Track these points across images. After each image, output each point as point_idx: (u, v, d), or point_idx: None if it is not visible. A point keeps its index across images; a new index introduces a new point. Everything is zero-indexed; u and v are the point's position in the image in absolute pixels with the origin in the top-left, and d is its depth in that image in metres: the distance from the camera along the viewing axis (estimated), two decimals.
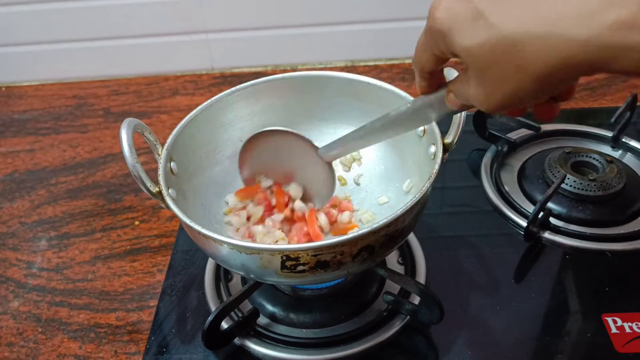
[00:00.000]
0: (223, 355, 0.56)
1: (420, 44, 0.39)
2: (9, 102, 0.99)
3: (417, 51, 0.40)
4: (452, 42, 0.34)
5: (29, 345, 0.59)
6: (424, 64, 0.40)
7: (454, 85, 0.39)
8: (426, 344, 0.56)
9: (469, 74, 0.36)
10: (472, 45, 0.33)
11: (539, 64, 0.31)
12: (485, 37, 0.32)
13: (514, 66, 0.32)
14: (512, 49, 0.31)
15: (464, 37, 0.33)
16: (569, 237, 0.64)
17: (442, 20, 0.34)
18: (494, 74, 0.33)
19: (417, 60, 0.40)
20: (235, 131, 0.65)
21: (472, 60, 0.34)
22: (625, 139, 0.76)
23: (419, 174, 0.58)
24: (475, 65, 0.34)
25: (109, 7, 0.95)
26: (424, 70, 0.41)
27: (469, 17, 0.33)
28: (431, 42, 0.37)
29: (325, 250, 0.44)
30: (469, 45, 0.33)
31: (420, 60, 0.40)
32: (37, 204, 0.77)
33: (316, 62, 1.03)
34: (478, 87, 0.35)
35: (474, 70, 0.35)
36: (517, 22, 0.31)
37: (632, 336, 0.54)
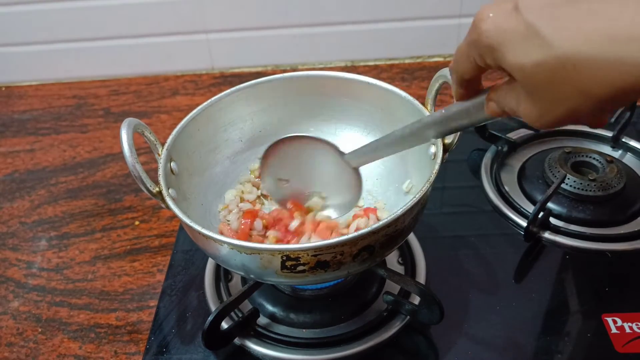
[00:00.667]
0: (223, 355, 0.56)
1: (462, 53, 0.37)
2: (9, 102, 0.99)
3: (457, 59, 0.38)
4: (502, 58, 0.32)
5: (29, 345, 0.59)
6: (464, 72, 0.38)
7: (496, 95, 0.37)
8: (426, 344, 0.56)
9: (518, 89, 0.33)
10: (526, 64, 0.31)
11: (604, 87, 0.29)
12: (541, 57, 0.30)
13: (573, 89, 0.30)
14: (572, 70, 0.29)
15: (517, 54, 0.31)
16: (569, 237, 0.64)
17: (490, 33, 0.33)
18: (550, 94, 0.31)
19: (456, 68, 0.38)
20: (235, 131, 0.65)
21: (526, 78, 0.32)
22: (625, 139, 0.76)
23: (419, 174, 0.58)
24: (528, 84, 0.32)
25: (109, 7, 0.95)
26: (463, 78, 0.39)
27: (521, 33, 0.31)
28: (475, 54, 0.35)
29: (325, 250, 0.44)
30: (522, 63, 0.31)
31: (460, 69, 0.38)
32: (37, 204, 0.77)
33: (316, 62, 1.03)
34: (530, 105, 0.33)
35: (527, 88, 0.32)
36: (577, 41, 0.29)
37: (632, 336, 0.54)
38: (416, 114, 0.57)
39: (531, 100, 0.33)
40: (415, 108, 0.56)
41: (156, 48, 1.00)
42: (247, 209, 0.60)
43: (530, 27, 0.30)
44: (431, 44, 1.00)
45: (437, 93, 0.56)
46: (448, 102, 0.89)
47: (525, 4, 0.31)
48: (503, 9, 0.32)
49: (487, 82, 0.38)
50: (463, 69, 0.37)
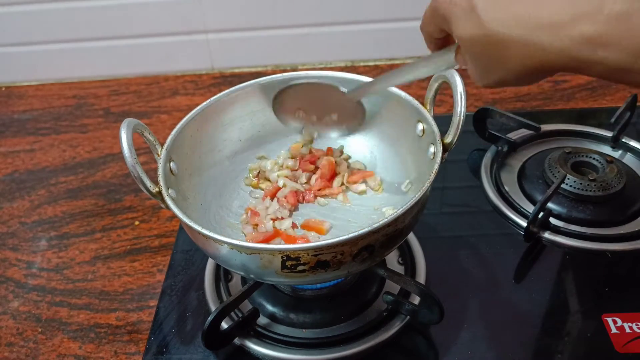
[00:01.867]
0: (223, 355, 0.56)
1: (427, 17, 0.42)
2: (9, 102, 0.99)
3: (424, 22, 0.43)
4: (450, 27, 0.38)
5: (29, 345, 0.59)
6: (431, 33, 0.43)
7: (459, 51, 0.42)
8: (426, 344, 0.56)
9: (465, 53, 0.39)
10: (465, 37, 0.37)
11: (519, 64, 0.35)
12: (475, 32, 0.36)
13: (498, 61, 0.36)
14: (495, 46, 0.35)
15: (459, 27, 0.37)
16: (569, 237, 0.64)
17: (444, 5, 0.38)
18: (482, 63, 0.37)
19: (424, 28, 0.44)
20: (234, 131, 0.65)
21: (465, 48, 0.38)
22: (625, 139, 0.76)
23: (418, 174, 0.58)
24: (468, 52, 0.38)
25: (109, 7, 0.95)
26: (431, 36, 0.44)
27: (464, 9, 0.36)
28: (436, 19, 0.40)
29: (325, 250, 0.44)
30: (462, 35, 0.37)
31: (428, 30, 0.44)
32: (37, 204, 0.77)
33: (316, 62, 1.03)
34: (472, 68, 0.39)
35: (470, 56, 0.38)
36: (502, 24, 0.34)
37: (632, 336, 0.54)
38: (416, 113, 0.57)
39: (473, 65, 0.39)
40: (415, 108, 0.56)
41: (156, 48, 1.00)
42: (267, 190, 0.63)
43: (471, 4, 0.36)
44: None
45: (437, 93, 0.56)
46: (448, 102, 0.89)
47: None
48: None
49: None
50: (431, 31, 0.43)
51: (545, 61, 0.33)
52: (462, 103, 0.51)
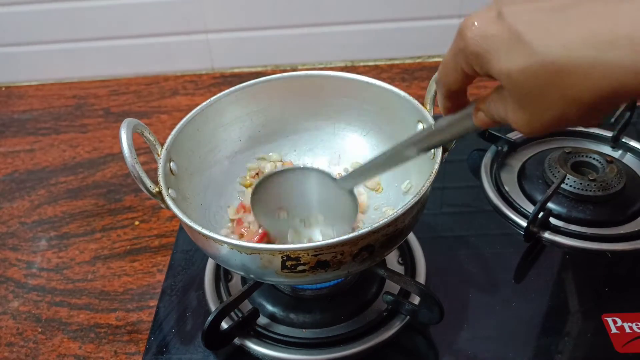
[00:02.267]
0: (223, 356, 0.56)
1: (449, 63, 0.37)
2: (9, 102, 0.99)
3: (443, 71, 0.38)
4: (488, 65, 0.32)
5: (29, 345, 0.59)
6: (452, 84, 0.38)
7: (484, 104, 0.37)
8: (426, 344, 0.56)
9: (505, 95, 0.33)
10: (512, 71, 0.31)
11: (588, 92, 0.29)
12: (527, 63, 0.30)
13: (559, 94, 0.30)
14: (556, 75, 0.29)
15: (502, 61, 0.31)
16: (569, 237, 0.64)
17: (475, 41, 0.33)
18: (536, 100, 0.31)
19: (443, 79, 0.38)
20: (234, 131, 0.65)
21: (512, 85, 0.32)
22: (625, 139, 0.76)
23: (418, 174, 0.58)
24: (515, 90, 0.32)
25: (109, 7, 0.95)
26: (450, 90, 0.39)
27: (506, 40, 0.31)
28: (462, 63, 0.35)
29: (325, 250, 0.44)
30: (508, 70, 0.31)
31: (448, 80, 0.38)
32: (37, 204, 0.77)
33: (316, 62, 1.03)
34: (518, 112, 0.33)
35: (514, 95, 0.32)
36: (560, 46, 0.29)
37: (632, 336, 0.54)
38: (416, 113, 0.57)
39: (519, 106, 0.32)
40: (415, 108, 0.56)
41: (156, 48, 1.00)
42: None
43: (514, 33, 0.30)
44: (431, 44, 1.00)
45: (437, 93, 0.56)
46: None
47: (508, 10, 0.31)
48: (487, 17, 0.32)
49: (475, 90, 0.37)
50: (451, 80, 0.37)
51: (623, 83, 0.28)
52: None
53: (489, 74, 0.33)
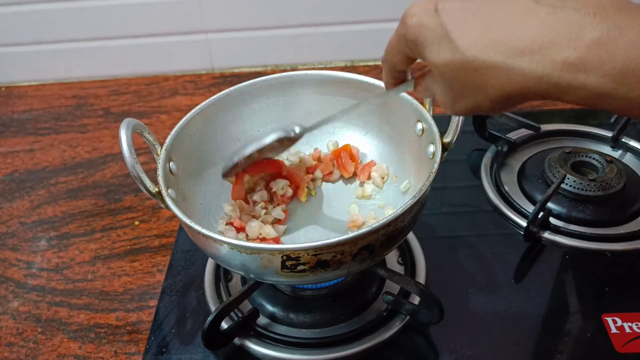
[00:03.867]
0: (223, 355, 0.56)
1: (393, 46, 0.42)
2: (9, 102, 0.99)
3: (388, 52, 0.43)
4: (422, 53, 0.37)
5: (29, 345, 0.59)
6: (396, 64, 0.43)
7: (423, 81, 0.42)
8: (426, 344, 0.56)
9: (436, 79, 0.38)
10: (439, 62, 0.36)
11: (497, 89, 0.34)
12: (450, 57, 0.35)
13: (474, 87, 0.35)
14: (473, 72, 0.34)
15: (432, 52, 0.36)
16: (569, 237, 0.64)
17: (413, 30, 0.37)
18: (457, 88, 0.36)
19: (388, 59, 0.44)
20: (233, 131, 0.64)
21: (439, 73, 0.37)
22: (625, 139, 0.76)
23: (417, 174, 0.58)
24: (442, 79, 0.37)
25: (109, 7, 0.95)
26: (394, 69, 0.44)
27: (437, 34, 0.35)
28: (403, 46, 0.39)
29: (325, 249, 0.44)
30: (435, 60, 0.36)
31: (392, 60, 0.43)
32: (37, 204, 0.77)
33: (316, 62, 1.03)
34: (444, 95, 0.38)
35: (441, 82, 0.37)
36: (478, 48, 0.33)
37: (632, 336, 0.54)
38: (415, 113, 0.57)
39: (444, 91, 0.38)
40: (414, 107, 0.56)
41: (156, 48, 1.00)
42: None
43: (444, 29, 0.35)
44: None
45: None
46: None
47: (443, 6, 0.35)
48: (426, 9, 0.36)
49: None
50: (394, 60, 0.42)
51: (525, 87, 0.33)
52: None
53: (423, 59, 0.38)
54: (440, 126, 0.53)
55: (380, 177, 0.63)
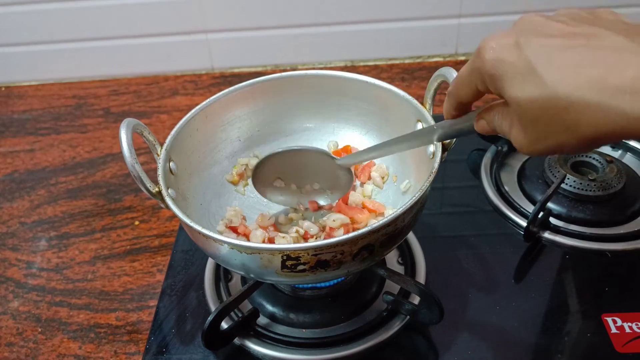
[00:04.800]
0: (223, 355, 0.56)
1: (464, 78, 0.39)
2: (9, 102, 0.99)
3: (457, 84, 0.40)
4: (501, 88, 0.35)
5: (29, 345, 0.59)
6: (463, 97, 0.40)
7: (489, 115, 0.39)
8: (426, 344, 0.56)
9: (512, 115, 0.36)
10: (521, 99, 0.33)
11: (590, 129, 0.31)
12: (537, 94, 0.32)
13: (563, 127, 0.32)
14: (563, 110, 0.32)
15: (514, 87, 0.33)
16: (569, 237, 0.64)
17: (492, 64, 0.34)
18: (540, 127, 0.33)
19: (455, 92, 0.41)
20: (233, 131, 0.65)
21: (521, 110, 0.34)
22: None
23: (417, 174, 0.58)
24: (523, 116, 0.34)
25: (109, 7, 0.95)
26: (461, 102, 0.41)
27: (520, 69, 0.33)
28: (477, 81, 0.37)
29: (325, 249, 0.44)
30: (518, 97, 0.33)
31: (460, 94, 0.40)
32: (37, 204, 0.77)
33: (316, 62, 1.03)
34: (521, 133, 0.35)
35: (521, 120, 0.35)
36: (571, 85, 0.31)
37: (632, 336, 0.54)
38: (415, 113, 0.57)
39: (523, 129, 0.35)
40: (414, 107, 0.56)
41: (156, 48, 1.00)
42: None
43: (529, 65, 0.32)
44: (431, 44, 1.00)
45: (436, 92, 0.56)
46: None
47: (525, 42, 0.33)
48: (505, 43, 0.34)
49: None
50: (462, 93, 0.40)
51: (624, 127, 0.30)
52: None
53: (500, 95, 0.35)
54: None
55: (380, 177, 0.63)
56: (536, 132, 0.34)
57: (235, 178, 0.64)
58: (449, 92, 0.42)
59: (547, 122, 0.33)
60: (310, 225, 0.58)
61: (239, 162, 0.65)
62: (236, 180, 0.64)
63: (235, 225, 0.59)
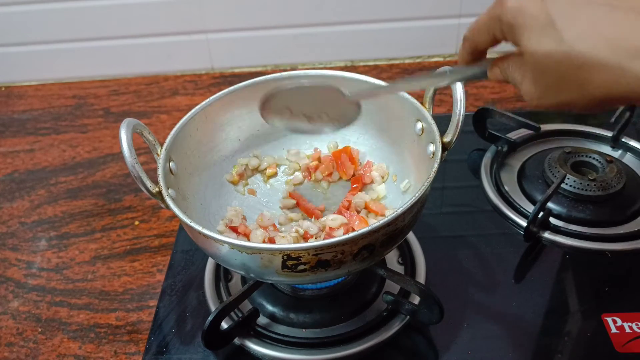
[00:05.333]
0: (223, 355, 0.56)
1: (481, 24, 0.38)
2: (9, 102, 0.99)
3: (475, 29, 0.39)
4: (518, 38, 0.34)
5: (29, 345, 0.59)
6: (479, 44, 0.40)
7: (503, 64, 0.39)
8: (426, 344, 0.56)
9: (526, 68, 0.35)
10: (538, 51, 0.33)
11: (602, 89, 0.31)
12: (553, 49, 0.32)
13: (575, 83, 0.32)
14: (578, 68, 0.31)
15: (531, 39, 0.33)
16: (569, 237, 0.64)
17: (512, 13, 0.34)
18: (552, 81, 0.33)
19: (472, 38, 0.40)
20: (233, 131, 0.65)
21: (535, 63, 0.34)
22: (625, 138, 0.76)
23: (417, 174, 0.58)
24: (536, 69, 0.34)
25: (109, 7, 0.95)
26: (476, 48, 0.40)
27: (540, 22, 0.33)
28: (495, 28, 0.37)
29: (326, 249, 0.44)
30: (535, 49, 0.33)
31: (476, 39, 0.40)
32: (37, 204, 0.77)
33: (316, 62, 1.03)
34: (532, 85, 0.35)
35: (534, 72, 0.34)
36: (588, 43, 0.31)
37: (632, 336, 0.54)
38: (415, 112, 0.57)
39: (535, 82, 0.35)
40: (414, 106, 0.56)
41: (156, 48, 1.00)
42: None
43: (549, 18, 0.32)
44: (431, 44, 1.00)
45: (435, 91, 0.56)
46: (448, 102, 0.89)
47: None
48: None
49: None
50: (479, 39, 0.39)
51: (636, 91, 0.30)
52: (462, 101, 0.51)
53: (516, 45, 0.35)
54: (440, 126, 0.53)
55: (380, 176, 0.63)
56: (547, 86, 0.34)
57: (235, 178, 0.64)
58: (465, 37, 0.41)
59: (559, 77, 0.33)
60: (310, 225, 0.58)
61: (238, 162, 0.65)
62: (236, 180, 0.64)
63: (236, 225, 0.59)
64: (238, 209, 0.61)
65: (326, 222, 0.57)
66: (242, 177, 0.65)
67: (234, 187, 0.64)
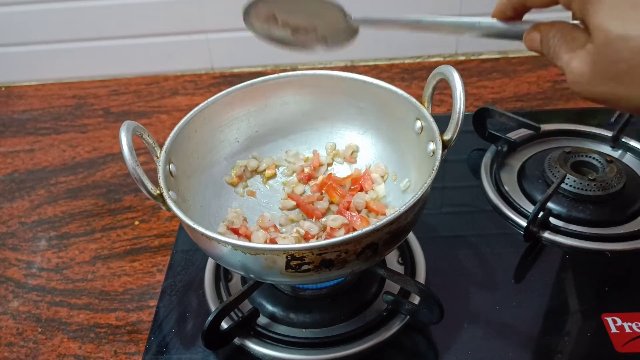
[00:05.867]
0: (223, 355, 0.56)
1: None
2: (9, 102, 0.99)
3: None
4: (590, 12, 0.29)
5: (29, 345, 0.59)
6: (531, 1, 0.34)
7: (549, 32, 0.33)
8: (426, 344, 0.56)
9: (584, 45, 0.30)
10: (613, 33, 0.28)
11: None
12: (634, 34, 0.27)
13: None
14: None
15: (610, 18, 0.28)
16: (569, 237, 0.64)
17: None
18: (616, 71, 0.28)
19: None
20: (232, 131, 0.64)
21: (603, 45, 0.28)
22: (625, 138, 0.76)
23: (417, 172, 0.58)
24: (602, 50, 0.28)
25: (109, 7, 0.95)
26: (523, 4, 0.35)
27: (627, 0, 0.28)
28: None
29: (330, 248, 0.44)
30: (609, 29, 0.28)
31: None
32: (36, 204, 0.77)
33: (316, 62, 1.03)
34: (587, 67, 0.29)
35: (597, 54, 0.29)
36: None
37: (632, 336, 0.54)
38: (414, 112, 0.57)
39: (592, 63, 0.29)
40: (413, 105, 0.56)
41: (156, 48, 1.00)
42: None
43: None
44: (431, 44, 1.00)
45: (434, 90, 0.55)
46: (448, 102, 0.89)
47: None
48: None
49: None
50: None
51: None
52: (462, 98, 0.50)
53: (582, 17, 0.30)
54: (440, 126, 0.53)
55: (380, 176, 0.63)
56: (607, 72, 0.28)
57: (234, 179, 0.64)
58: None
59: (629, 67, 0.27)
60: (310, 225, 0.58)
61: (237, 163, 0.65)
62: (235, 182, 0.64)
63: (237, 227, 0.59)
64: (239, 210, 0.61)
65: (327, 222, 0.57)
66: (242, 178, 0.64)
67: (234, 188, 0.64)
